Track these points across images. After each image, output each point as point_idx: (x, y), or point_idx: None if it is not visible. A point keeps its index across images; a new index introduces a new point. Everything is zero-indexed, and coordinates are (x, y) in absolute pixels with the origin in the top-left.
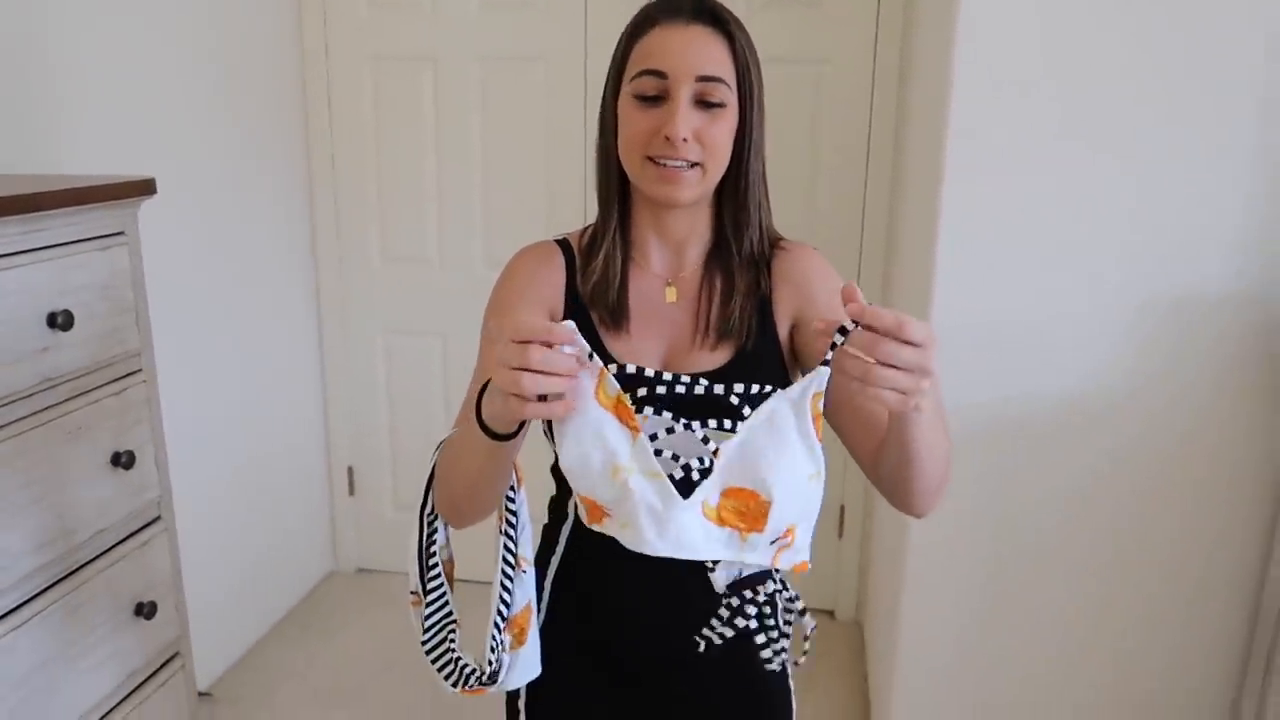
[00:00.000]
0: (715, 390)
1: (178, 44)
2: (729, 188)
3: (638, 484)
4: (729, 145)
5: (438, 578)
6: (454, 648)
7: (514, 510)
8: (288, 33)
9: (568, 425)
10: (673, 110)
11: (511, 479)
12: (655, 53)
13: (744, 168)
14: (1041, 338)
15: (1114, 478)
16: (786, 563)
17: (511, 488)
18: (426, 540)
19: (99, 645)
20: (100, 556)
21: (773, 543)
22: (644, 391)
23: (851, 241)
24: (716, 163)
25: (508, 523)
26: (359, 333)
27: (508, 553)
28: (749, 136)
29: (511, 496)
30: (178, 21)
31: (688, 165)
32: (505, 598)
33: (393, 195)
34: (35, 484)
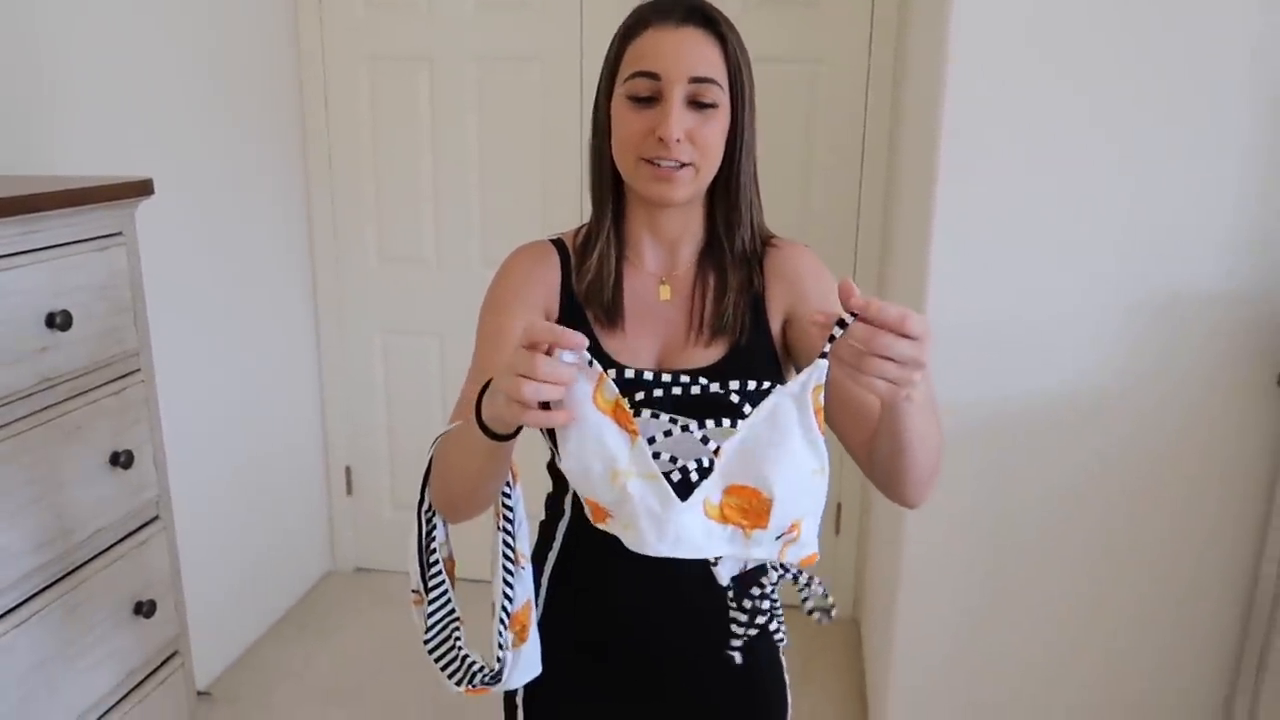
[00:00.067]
0: (715, 389)
1: (175, 45)
2: (721, 187)
3: (636, 488)
4: (721, 145)
5: (439, 575)
6: (460, 645)
7: (510, 506)
8: (284, 33)
9: (568, 430)
10: (666, 111)
11: (507, 475)
12: (648, 54)
13: (736, 167)
14: (1034, 336)
15: (1106, 475)
16: (794, 556)
17: (507, 484)
18: (426, 538)
19: (98, 644)
20: (99, 556)
21: (778, 538)
22: (643, 395)
23: (846, 241)
24: (709, 163)
25: (505, 519)
26: (356, 332)
27: (507, 549)
28: (741, 136)
29: (508, 493)
30: (175, 22)
31: (680, 165)
32: (508, 593)
33: (389, 195)
34: (34, 483)
